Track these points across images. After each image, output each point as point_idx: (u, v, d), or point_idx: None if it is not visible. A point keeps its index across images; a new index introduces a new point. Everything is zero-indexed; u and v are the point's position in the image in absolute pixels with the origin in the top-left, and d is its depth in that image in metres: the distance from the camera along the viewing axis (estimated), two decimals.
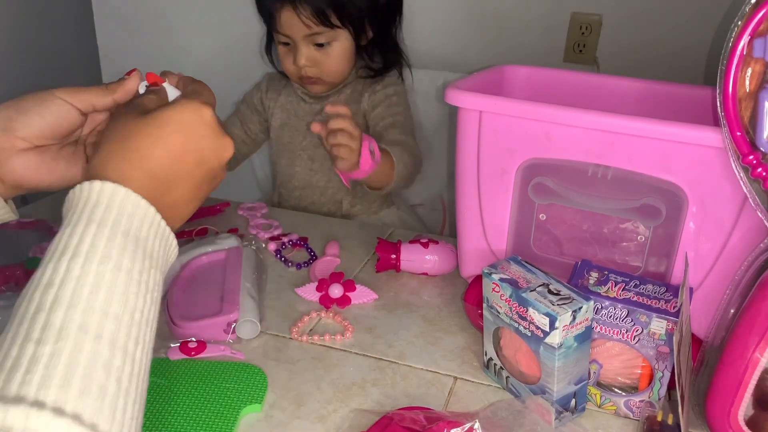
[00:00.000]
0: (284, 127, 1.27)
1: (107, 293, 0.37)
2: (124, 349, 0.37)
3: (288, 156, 1.27)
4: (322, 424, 0.64)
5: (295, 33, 1.10)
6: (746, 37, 0.54)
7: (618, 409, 0.66)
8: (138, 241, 0.40)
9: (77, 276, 0.37)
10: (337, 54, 1.14)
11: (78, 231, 0.39)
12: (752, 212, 0.59)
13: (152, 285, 0.41)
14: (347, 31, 1.12)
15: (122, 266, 0.39)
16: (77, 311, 0.35)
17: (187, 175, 0.45)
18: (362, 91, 1.23)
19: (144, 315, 0.39)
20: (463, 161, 0.76)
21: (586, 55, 1.46)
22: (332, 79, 1.18)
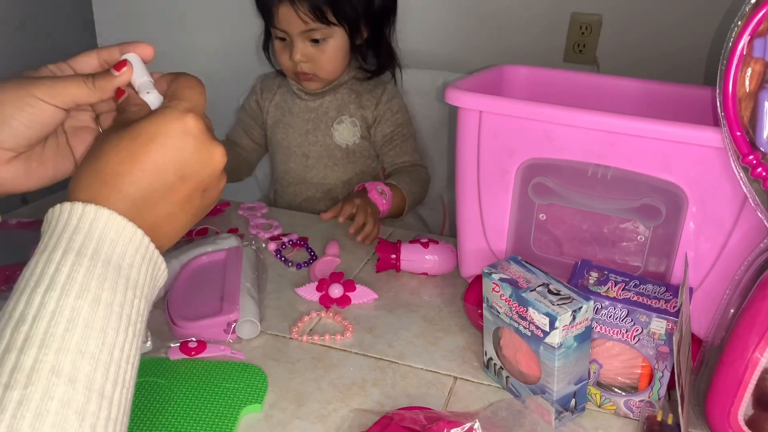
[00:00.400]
0: (278, 124, 1.28)
1: (84, 330, 0.34)
2: (101, 392, 0.34)
3: (283, 153, 1.29)
4: (322, 424, 0.64)
5: (291, 28, 1.12)
6: (746, 37, 0.55)
7: (618, 409, 0.66)
8: (120, 270, 0.37)
9: (51, 311, 0.34)
10: (331, 51, 1.16)
11: (55, 259, 0.36)
12: (752, 212, 0.59)
13: (135, 317, 0.38)
14: (343, 28, 1.14)
15: (101, 299, 0.36)
16: (50, 351, 0.33)
17: (169, 191, 0.41)
18: (360, 93, 1.25)
19: (125, 352, 0.36)
20: (463, 161, 0.76)
21: (586, 55, 1.46)
22: (326, 75, 1.19)
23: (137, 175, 0.40)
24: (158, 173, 0.40)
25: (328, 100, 1.24)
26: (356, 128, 1.25)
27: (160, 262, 0.41)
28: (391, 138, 1.25)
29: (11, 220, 0.97)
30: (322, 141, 1.25)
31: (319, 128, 1.25)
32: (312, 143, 1.26)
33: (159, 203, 0.41)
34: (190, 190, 0.43)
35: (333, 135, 1.25)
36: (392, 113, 1.25)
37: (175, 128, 0.41)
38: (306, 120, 1.26)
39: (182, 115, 0.41)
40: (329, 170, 1.27)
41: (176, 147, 0.41)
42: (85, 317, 0.35)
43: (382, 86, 1.26)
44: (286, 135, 1.27)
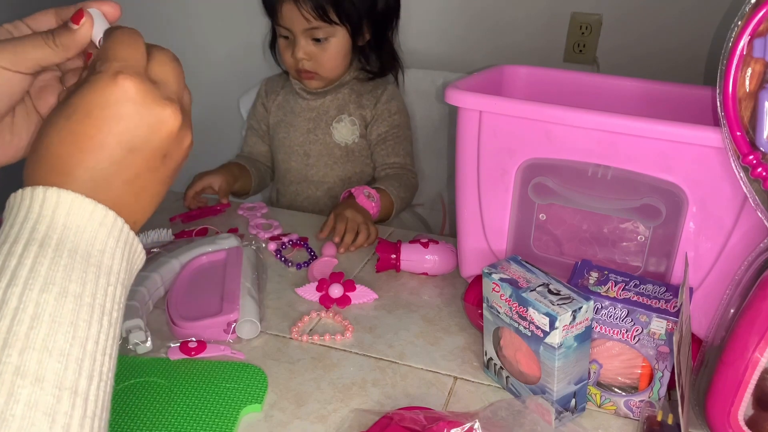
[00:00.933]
0: (280, 124, 1.29)
1: (50, 326, 0.32)
2: (73, 389, 0.32)
3: (284, 152, 1.30)
4: (322, 424, 0.64)
5: (295, 26, 1.14)
6: (746, 37, 0.54)
7: (618, 409, 0.66)
8: (89, 257, 0.35)
9: (14, 308, 0.32)
10: (333, 50, 1.17)
11: (17, 251, 0.33)
12: (752, 212, 0.59)
13: (110, 305, 0.35)
14: (345, 28, 1.15)
15: (68, 291, 0.33)
16: (14, 352, 0.31)
17: (121, 167, 0.37)
18: (361, 93, 1.25)
19: (99, 344, 0.34)
20: (463, 161, 0.76)
21: (586, 55, 1.46)
22: (328, 74, 1.21)
23: (80, 157, 0.36)
24: (103, 150, 0.36)
25: (329, 99, 1.25)
26: (355, 127, 1.26)
27: (136, 243, 0.38)
28: (385, 137, 1.26)
29: None
30: (322, 140, 1.26)
31: (320, 127, 1.26)
32: (312, 142, 1.27)
33: (113, 181, 0.37)
34: (145, 160, 0.38)
35: (332, 134, 1.25)
36: (390, 113, 1.26)
37: (108, 97, 0.36)
38: (307, 119, 1.27)
39: (113, 80, 0.36)
40: (329, 169, 1.28)
41: (114, 117, 0.36)
42: (51, 312, 0.32)
43: (382, 87, 1.27)
44: (287, 134, 1.28)
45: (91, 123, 0.36)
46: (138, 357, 0.72)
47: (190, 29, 1.80)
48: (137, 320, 0.73)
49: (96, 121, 0.36)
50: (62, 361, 0.32)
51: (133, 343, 0.72)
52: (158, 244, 0.93)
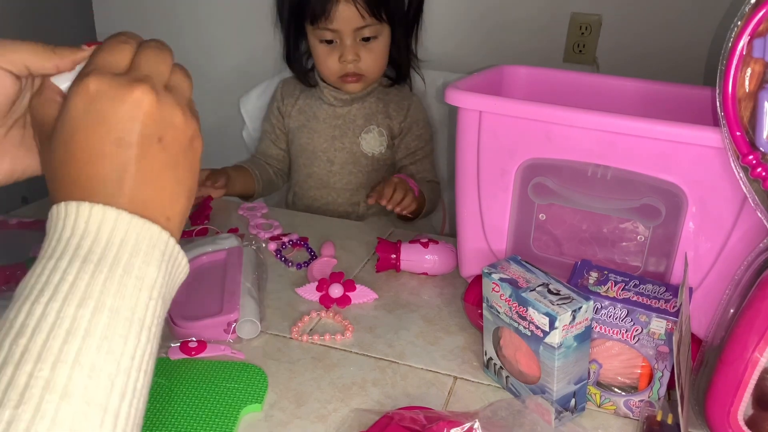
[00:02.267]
0: (302, 129, 1.29)
1: (83, 341, 0.32)
2: (103, 406, 0.31)
3: (307, 157, 1.29)
4: (322, 424, 0.64)
5: (347, 26, 1.13)
6: (746, 37, 0.55)
7: (618, 409, 0.66)
8: (130, 271, 0.35)
9: (51, 323, 0.31)
10: (379, 50, 1.18)
11: (61, 267, 0.34)
12: (752, 212, 0.59)
13: (150, 320, 0.35)
14: (388, 28, 1.17)
15: (105, 306, 0.33)
16: (46, 366, 0.30)
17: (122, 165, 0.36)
18: (387, 103, 1.27)
19: (135, 360, 0.33)
20: (463, 161, 0.76)
21: (586, 55, 1.46)
22: (373, 75, 1.21)
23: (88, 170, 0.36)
24: (102, 156, 0.36)
25: (356, 107, 1.26)
26: (383, 138, 1.27)
27: (181, 256, 0.38)
28: (414, 152, 1.28)
29: (11, 220, 0.97)
30: (349, 148, 1.27)
31: (347, 135, 1.26)
32: (338, 149, 1.27)
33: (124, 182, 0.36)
34: (141, 149, 0.37)
35: (360, 143, 1.26)
36: (418, 127, 1.28)
37: (79, 103, 0.36)
38: (333, 126, 1.27)
39: (80, 85, 0.36)
40: (353, 177, 1.28)
41: (96, 120, 0.36)
42: (85, 327, 0.32)
43: (409, 99, 1.28)
44: (311, 139, 1.28)
45: (81, 136, 0.36)
46: None
47: (192, 30, 1.80)
48: None
49: (84, 132, 0.36)
50: (94, 376, 0.31)
51: None
52: None
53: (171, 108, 0.38)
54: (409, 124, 1.27)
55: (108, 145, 0.36)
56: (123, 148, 0.36)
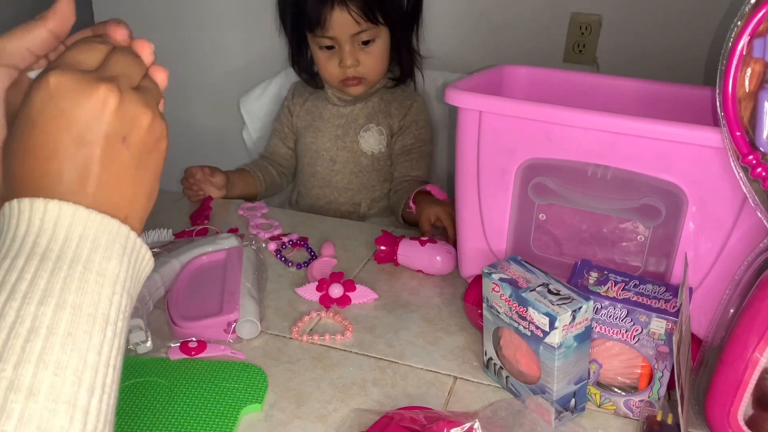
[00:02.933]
0: (308, 128, 1.30)
1: (46, 339, 0.31)
2: (72, 403, 0.31)
3: (311, 156, 1.30)
4: (322, 424, 0.64)
5: (343, 32, 1.14)
6: (746, 37, 0.55)
7: (618, 409, 0.66)
8: (90, 266, 0.34)
9: (11, 322, 0.31)
10: (378, 52, 1.18)
11: (18, 266, 0.33)
12: (752, 212, 0.59)
13: (114, 315, 0.34)
14: (387, 28, 1.17)
15: (67, 302, 0.32)
16: (9, 366, 0.30)
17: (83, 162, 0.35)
18: (390, 102, 1.27)
19: (103, 355, 0.33)
20: (463, 161, 0.76)
21: (586, 55, 1.46)
22: (373, 77, 1.22)
23: (45, 166, 0.35)
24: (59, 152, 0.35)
25: (359, 107, 1.26)
26: (382, 137, 1.27)
27: (144, 250, 0.38)
28: (410, 149, 1.27)
29: None
30: (350, 147, 1.27)
31: (348, 134, 1.27)
32: (340, 148, 1.27)
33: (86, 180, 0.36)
34: (102, 148, 0.36)
35: (359, 142, 1.26)
36: (417, 127, 1.27)
37: (38, 97, 0.35)
38: (336, 125, 1.27)
39: (41, 79, 0.35)
40: (354, 176, 1.28)
41: (55, 116, 0.35)
42: (48, 324, 0.31)
43: (412, 98, 1.28)
44: (315, 139, 1.29)
45: (38, 130, 0.35)
46: (138, 357, 0.72)
47: (192, 30, 1.80)
48: (137, 320, 0.73)
49: (42, 127, 0.35)
50: (60, 373, 0.31)
51: (133, 343, 0.72)
52: (158, 244, 0.93)
53: (137, 108, 0.37)
54: (409, 122, 1.27)
55: (67, 142, 0.35)
56: (84, 146, 0.36)
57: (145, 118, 0.38)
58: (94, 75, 0.36)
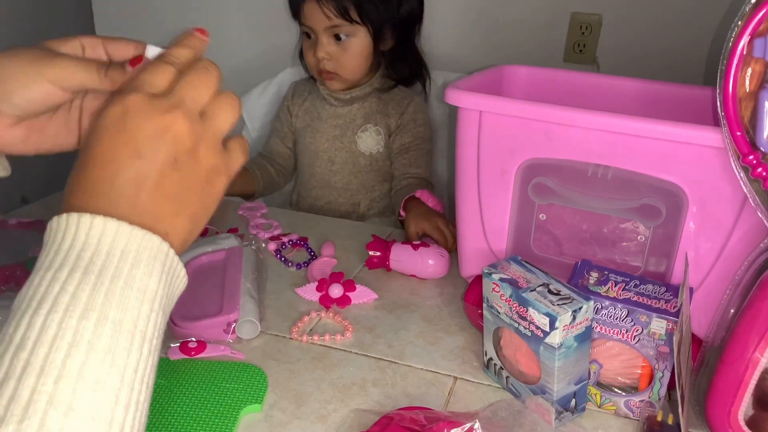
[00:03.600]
0: (307, 129, 1.30)
1: (87, 354, 0.31)
2: (108, 421, 0.31)
3: (309, 156, 1.30)
4: (322, 424, 0.64)
5: (316, 24, 1.15)
6: (746, 37, 0.54)
7: (618, 409, 0.66)
8: (132, 283, 0.35)
9: (53, 335, 0.31)
10: (354, 50, 1.18)
11: (60, 278, 0.33)
12: (752, 212, 0.59)
13: (151, 332, 0.35)
14: (366, 29, 1.16)
15: (108, 318, 0.33)
16: (49, 380, 0.30)
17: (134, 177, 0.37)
18: (387, 102, 1.27)
19: (138, 372, 0.33)
20: (463, 161, 0.76)
21: (586, 55, 1.46)
22: (348, 75, 1.21)
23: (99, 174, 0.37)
24: (114, 163, 0.37)
25: (356, 107, 1.26)
26: (380, 137, 1.27)
27: (180, 268, 0.38)
28: (408, 148, 1.27)
29: (11, 220, 0.97)
30: (348, 147, 1.27)
31: (346, 135, 1.27)
32: (338, 149, 1.28)
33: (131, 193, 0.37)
34: (156, 165, 0.38)
35: (357, 143, 1.27)
36: (415, 125, 1.27)
37: (110, 114, 0.37)
38: (334, 126, 1.27)
39: (117, 99, 0.38)
40: (353, 176, 1.28)
41: (120, 131, 0.37)
42: (89, 339, 0.32)
43: (410, 98, 1.28)
44: (314, 139, 1.29)
45: (104, 140, 0.37)
46: None
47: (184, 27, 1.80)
48: None
49: (108, 138, 0.37)
50: (98, 390, 0.31)
51: None
52: None
53: (198, 139, 0.39)
54: (406, 121, 1.27)
55: (126, 154, 0.37)
56: (140, 160, 0.37)
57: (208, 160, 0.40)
58: (162, 101, 0.38)
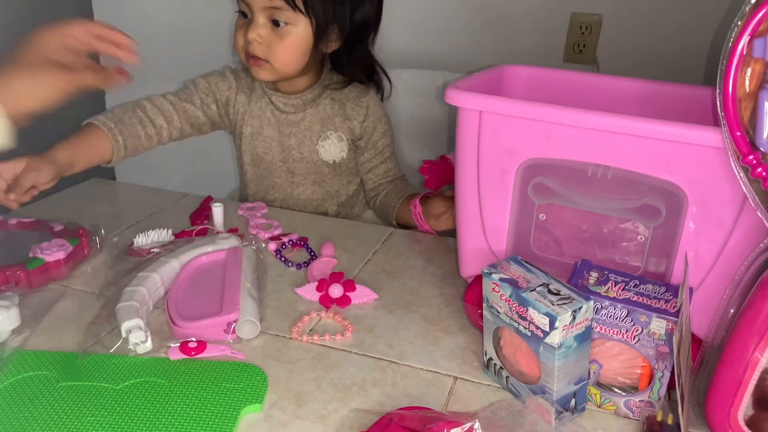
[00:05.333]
0: (257, 136, 1.21)
1: None
2: None
3: (265, 167, 1.23)
4: (322, 424, 0.64)
5: (254, 1, 1.05)
6: (746, 37, 0.55)
7: (618, 409, 0.66)
8: None
9: None
10: (291, 40, 1.07)
11: None
12: (752, 212, 0.59)
13: None
14: (308, 21, 1.06)
15: None
16: None
17: None
18: (343, 103, 1.20)
19: None
20: (463, 161, 0.76)
21: (586, 55, 1.46)
22: (279, 66, 1.10)
23: None
24: None
25: (310, 113, 1.19)
26: (343, 143, 1.20)
27: None
28: (382, 151, 1.24)
29: (11, 220, 0.97)
30: (308, 158, 1.21)
31: (304, 144, 1.20)
32: (297, 160, 1.20)
33: None
34: None
35: (319, 152, 1.20)
36: (382, 125, 1.23)
37: None
38: (288, 135, 1.20)
39: None
40: (317, 186, 1.23)
41: None
42: None
43: (365, 95, 1.21)
44: (269, 149, 1.21)
45: None
46: (138, 357, 0.72)
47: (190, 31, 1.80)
48: (137, 320, 0.73)
49: None
50: None
51: (133, 343, 0.72)
52: (158, 244, 0.93)
53: None
54: (373, 122, 1.21)
55: None
56: None
57: None
58: None
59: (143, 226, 1.03)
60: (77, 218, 0.99)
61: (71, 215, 1.02)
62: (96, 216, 1.07)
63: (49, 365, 0.70)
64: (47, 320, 0.79)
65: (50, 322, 0.79)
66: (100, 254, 0.95)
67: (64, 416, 0.62)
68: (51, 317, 0.80)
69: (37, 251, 0.87)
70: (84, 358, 0.71)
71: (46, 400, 0.65)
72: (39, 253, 0.87)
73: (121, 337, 0.72)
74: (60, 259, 0.87)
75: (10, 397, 0.65)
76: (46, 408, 0.64)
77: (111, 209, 1.15)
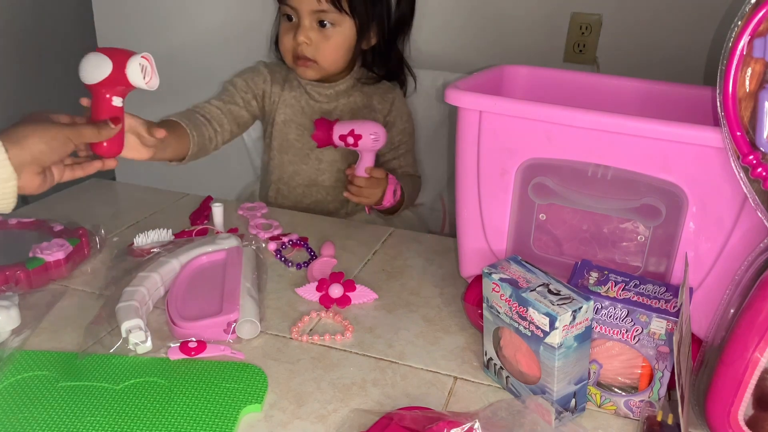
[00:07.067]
0: (290, 123, 1.26)
1: None
2: None
3: (294, 153, 1.28)
4: (322, 424, 0.64)
5: (302, 6, 1.12)
6: (746, 37, 0.55)
7: (618, 409, 0.66)
8: None
9: None
10: (337, 39, 1.15)
11: None
12: (752, 212, 0.59)
13: None
14: (352, 22, 1.14)
15: None
16: None
17: None
18: (371, 96, 1.26)
19: None
20: (463, 161, 0.76)
21: (586, 55, 1.46)
22: (326, 64, 1.17)
23: None
24: None
25: (342, 103, 1.25)
26: None
27: None
28: (397, 147, 1.27)
29: (11, 220, 0.97)
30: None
31: None
32: (327, 147, 1.23)
33: None
34: None
35: None
36: (402, 121, 1.27)
37: None
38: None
39: None
40: (342, 174, 1.27)
41: None
42: None
43: (392, 91, 1.27)
44: (300, 136, 1.26)
45: None
46: (138, 357, 0.72)
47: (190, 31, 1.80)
48: (137, 320, 0.73)
49: None
50: None
51: (133, 343, 0.72)
52: (158, 244, 0.93)
53: None
54: (394, 117, 1.26)
55: None
56: None
57: None
58: None
59: (143, 226, 1.03)
60: (77, 218, 0.99)
61: (71, 215, 1.02)
62: (96, 216, 1.07)
63: (49, 365, 0.70)
64: (47, 320, 0.79)
65: (50, 322, 0.79)
66: (100, 254, 0.95)
67: (64, 416, 0.62)
68: (51, 317, 0.80)
69: (37, 251, 0.87)
70: (84, 358, 0.71)
71: (46, 400, 0.65)
72: (39, 253, 0.87)
73: (121, 337, 0.72)
74: (60, 259, 0.87)
75: (10, 397, 0.65)
76: (46, 408, 0.64)
77: (111, 209, 1.15)
